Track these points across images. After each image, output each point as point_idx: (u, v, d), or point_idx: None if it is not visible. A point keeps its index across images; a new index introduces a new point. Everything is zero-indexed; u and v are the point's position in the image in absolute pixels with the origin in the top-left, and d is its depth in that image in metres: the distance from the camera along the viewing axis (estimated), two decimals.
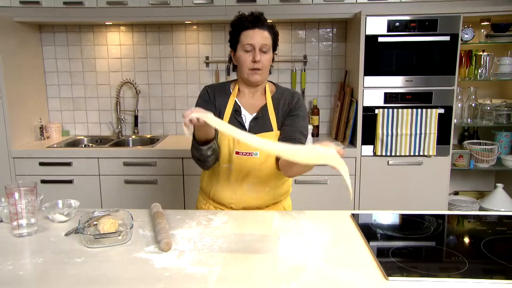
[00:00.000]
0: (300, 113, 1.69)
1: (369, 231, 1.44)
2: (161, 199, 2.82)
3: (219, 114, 1.69)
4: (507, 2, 2.74)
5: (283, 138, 1.64)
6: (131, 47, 3.31)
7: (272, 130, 1.67)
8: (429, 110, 2.71)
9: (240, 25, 1.62)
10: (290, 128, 1.66)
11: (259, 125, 1.67)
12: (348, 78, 3.10)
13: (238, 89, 1.73)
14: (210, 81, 3.32)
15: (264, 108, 1.69)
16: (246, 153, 1.64)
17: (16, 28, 2.95)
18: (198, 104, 1.71)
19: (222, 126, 1.35)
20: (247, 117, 1.70)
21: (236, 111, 1.69)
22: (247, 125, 1.69)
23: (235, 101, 1.71)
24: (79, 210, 1.58)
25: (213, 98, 1.72)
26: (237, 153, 1.65)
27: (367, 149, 2.80)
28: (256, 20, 1.62)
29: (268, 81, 1.76)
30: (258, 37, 1.60)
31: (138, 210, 1.63)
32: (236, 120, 1.68)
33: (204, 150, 1.57)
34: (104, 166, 2.85)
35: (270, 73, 1.71)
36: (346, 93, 2.99)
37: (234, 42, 1.66)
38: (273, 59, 1.70)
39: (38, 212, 1.46)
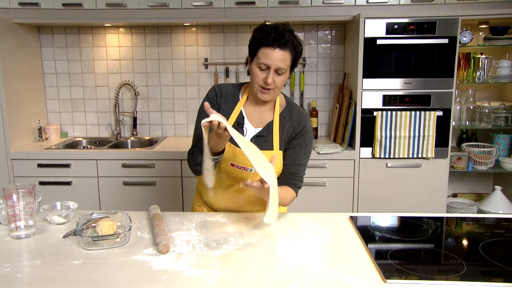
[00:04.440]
0: (302, 142, 1.64)
1: (367, 233, 1.44)
2: (159, 201, 2.83)
3: None
4: (505, 5, 2.75)
5: (284, 171, 1.63)
6: (130, 49, 3.31)
7: (272, 149, 1.61)
8: (427, 112, 2.71)
9: (261, 39, 1.49)
10: (291, 159, 1.62)
11: (261, 142, 1.59)
12: (347, 80, 3.11)
13: (247, 97, 1.66)
14: (209, 83, 3.32)
15: (270, 125, 1.63)
16: (241, 167, 1.60)
17: (15, 30, 2.95)
18: (202, 112, 1.65)
19: (240, 139, 1.37)
20: (249, 130, 1.64)
21: (239, 122, 1.63)
22: (247, 139, 1.62)
23: (241, 111, 1.64)
24: (77, 212, 1.58)
25: (219, 103, 1.65)
26: (232, 165, 1.62)
27: (366, 151, 2.80)
28: (279, 38, 1.47)
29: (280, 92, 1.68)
30: (275, 59, 1.48)
31: (137, 212, 1.63)
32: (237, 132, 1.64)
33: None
34: (102, 167, 2.85)
35: (284, 85, 1.63)
36: (344, 95, 2.99)
37: (252, 52, 1.55)
38: (291, 73, 1.61)
39: (36, 214, 1.45)
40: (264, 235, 1.44)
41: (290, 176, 1.63)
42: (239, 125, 1.63)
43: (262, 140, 1.61)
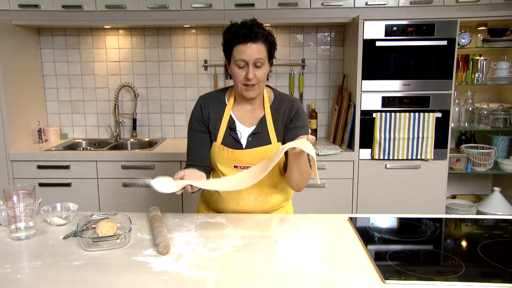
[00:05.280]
0: (300, 124, 1.64)
1: (366, 234, 1.45)
2: (159, 202, 2.82)
3: (214, 131, 1.65)
4: (503, 7, 2.76)
5: None
6: (129, 51, 3.32)
7: (271, 143, 1.62)
8: (426, 114, 2.72)
9: (232, 39, 1.52)
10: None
11: (258, 139, 1.63)
12: (346, 82, 3.12)
13: (235, 98, 1.67)
14: (208, 84, 3.33)
15: (262, 121, 1.64)
16: (244, 167, 1.62)
17: (15, 31, 2.96)
18: (192, 121, 1.69)
19: (207, 185, 1.47)
20: (243, 132, 1.65)
21: (231, 128, 1.64)
22: (244, 141, 1.64)
23: (230, 115, 1.65)
24: (77, 213, 1.58)
25: (206, 115, 1.66)
26: (236, 167, 1.64)
27: (365, 153, 2.81)
28: (249, 33, 1.50)
29: (266, 85, 1.69)
30: (251, 52, 1.50)
31: (136, 213, 1.63)
32: (231, 137, 1.64)
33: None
34: (102, 169, 2.85)
35: (267, 79, 1.63)
36: (344, 97, 3.00)
37: (227, 54, 1.57)
38: (271, 66, 1.63)
39: (36, 215, 1.46)
40: (263, 236, 1.45)
41: None
42: (231, 130, 1.64)
43: (258, 137, 1.63)
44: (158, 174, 2.89)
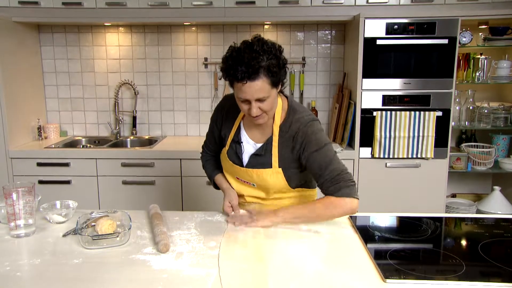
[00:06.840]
0: (312, 149, 1.47)
1: (367, 233, 1.45)
2: (159, 200, 2.83)
3: (225, 137, 1.63)
4: (505, 5, 2.75)
5: (320, 183, 1.48)
6: (129, 48, 3.31)
7: (271, 167, 1.54)
8: (427, 112, 2.71)
9: (229, 76, 1.37)
10: (315, 170, 1.48)
11: (258, 161, 1.55)
12: (347, 80, 3.11)
13: None
14: (208, 82, 3.32)
15: (269, 142, 1.54)
16: (244, 181, 1.63)
17: (15, 28, 2.95)
18: (213, 114, 1.67)
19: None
20: (247, 147, 1.58)
21: (237, 141, 1.59)
22: (246, 158, 1.58)
23: (239, 126, 1.59)
24: (77, 211, 1.58)
25: (220, 120, 1.63)
26: (237, 178, 1.65)
27: (365, 151, 2.81)
28: (245, 71, 1.32)
29: (283, 95, 1.58)
30: (250, 92, 1.36)
31: (136, 211, 1.63)
32: (235, 149, 1.60)
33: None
34: (102, 167, 2.85)
35: (283, 86, 1.50)
36: (344, 95, 2.99)
37: (229, 83, 1.43)
38: (282, 83, 1.47)
39: (36, 212, 1.46)
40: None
41: (327, 184, 1.45)
42: (236, 142, 1.60)
43: (259, 159, 1.56)
44: (158, 173, 2.90)
